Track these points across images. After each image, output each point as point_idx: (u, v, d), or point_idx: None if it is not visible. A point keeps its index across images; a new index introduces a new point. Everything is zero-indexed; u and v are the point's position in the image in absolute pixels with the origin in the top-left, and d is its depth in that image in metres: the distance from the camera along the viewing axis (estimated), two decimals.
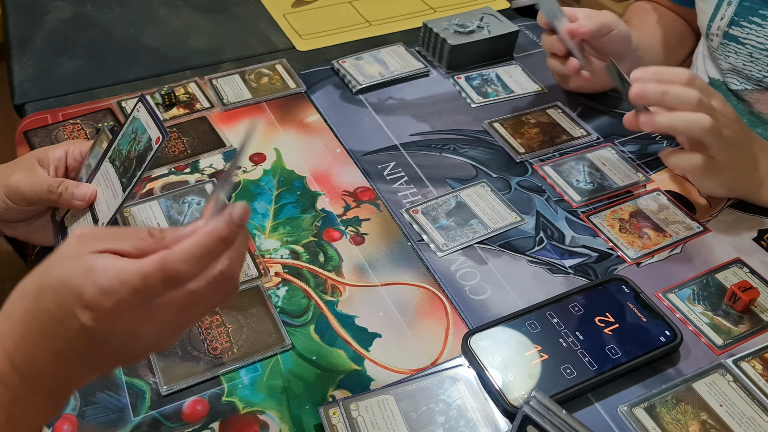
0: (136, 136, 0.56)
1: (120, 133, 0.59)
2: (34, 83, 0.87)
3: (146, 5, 1.03)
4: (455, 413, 0.52)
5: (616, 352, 0.55)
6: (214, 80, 0.87)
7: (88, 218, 0.59)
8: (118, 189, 0.57)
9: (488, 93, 0.87)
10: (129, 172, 0.55)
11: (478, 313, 0.60)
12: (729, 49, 0.79)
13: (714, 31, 0.80)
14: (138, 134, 0.56)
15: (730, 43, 0.79)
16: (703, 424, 0.52)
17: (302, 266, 0.64)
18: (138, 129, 0.57)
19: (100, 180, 0.59)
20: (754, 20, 0.75)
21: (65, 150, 0.60)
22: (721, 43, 0.80)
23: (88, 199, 0.57)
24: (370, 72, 0.89)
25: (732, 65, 0.80)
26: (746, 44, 0.77)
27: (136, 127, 0.57)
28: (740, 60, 0.79)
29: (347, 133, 0.80)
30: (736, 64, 0.79)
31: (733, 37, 0.78)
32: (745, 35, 0.76)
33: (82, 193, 0.57)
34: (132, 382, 0.54)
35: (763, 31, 0.75)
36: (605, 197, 0.72)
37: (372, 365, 0.56)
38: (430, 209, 0.70)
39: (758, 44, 0.76)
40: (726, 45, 0.79)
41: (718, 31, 0.79)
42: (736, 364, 0.56)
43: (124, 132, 0.58)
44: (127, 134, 0.58)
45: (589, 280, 0.63)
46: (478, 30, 0.90)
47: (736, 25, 0.77)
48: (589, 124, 0.82)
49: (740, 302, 0.60)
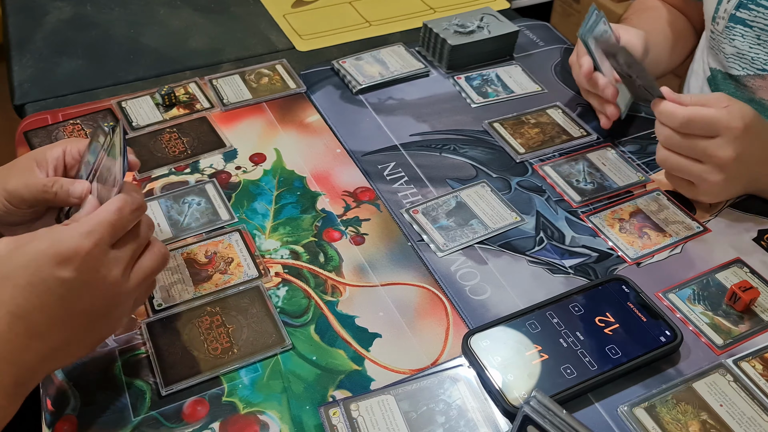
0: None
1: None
2: (34, 84, 0.87)
3: (146, 5, 1.03)
4: (455, 413, 0.52)
5: (617, 352, 0.55)
6: (214, 80, 0.87)
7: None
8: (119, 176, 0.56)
9: (488, 93, 0.87)
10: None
11: (479, 313, 0.60)
12: (735, 33, 0.79)
13: (720, 14, 0.80)
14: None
15: (737, 26, 0.79)
16: (704, 424, 0.52)
17: (302, 266, 0.64)
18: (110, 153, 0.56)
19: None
20: (762, 3, 0.75)
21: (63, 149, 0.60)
22: (726, 26, 0.80)
23: (84, 195, 0.57)
24: (370, 72, 0.89)
25: (737, 49, 0.80)
26: (754, 26, 0.77)
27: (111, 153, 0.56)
28: (746, 43, 0.79)
29: (347, 133, 0.80)
30: (742, 47, 0.79)
31: (740, 20, 0.78)
32: (753, 18, 0.76)
33: (78, 190, 0.57)
34: (132, 382, 0.54)
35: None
36: (605, 197, 0.72)
37: (372, 365, 0.56)
38: (430, 209, 0.70)
39: (765, 26, 0.76)
40: (732, 28, 0.79)
41: (725, 14, 0.79)
42: (736, 364, 0.56)
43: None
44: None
45: (590, 280, 0.63)
46: (478, 30, 0.90)
47: (744, 8, 0.77)
48: (589, 124, 0.82)
49: (740, 302, 0.60)
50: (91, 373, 0.55)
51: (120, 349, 0.57)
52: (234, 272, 0.63)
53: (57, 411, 0.52)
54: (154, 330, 0.58)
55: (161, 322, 0.59)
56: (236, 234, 0.67)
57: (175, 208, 0.69)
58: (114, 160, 0.53)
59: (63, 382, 0.54)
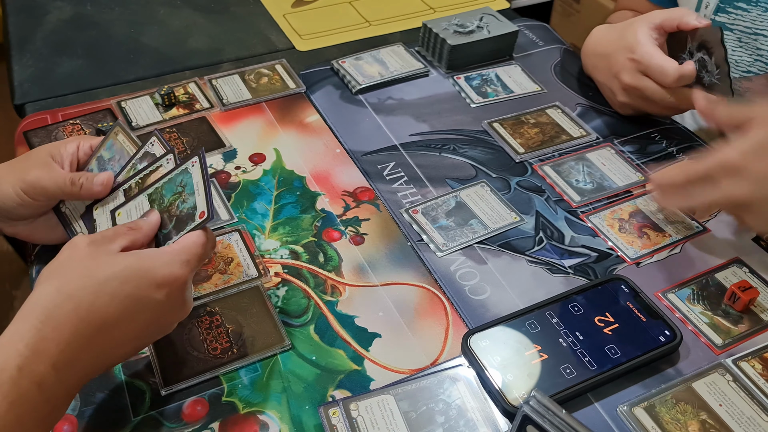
0: (183, 193, 0.54)
1: (166, 176, 0.55)
2: (34, 83, 0.87)
3: (146, 5, 1.03)
4: (455, 413, 0.52)
5: (616, 352, 0.55)
6: (214, 80, 0.87)
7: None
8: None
9: (488, 93, 0.87)
10: (165, 229, 0.53)
11: (478, 313, 0.60)
12: None
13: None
14: (185, 192, 0.53)
15: None
16: (703, 424, 0.52)
17: (302, 266, 0.64)
18: (187, 185, 0.53)
19: (131, 210, 0.57)
20: (739, 5, 0.75)
21: (77, 144, 0.61)
22: None
23: (106, 183, 0.58)
24: (369, 72, 0.89)
25: None
26: (734, 29, 0.76)
27: (185, 182, 0.54)
28: (729, 46, 0.78)
29: (347, 133, 0.80)
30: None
31: (720, 23, 0.78)
32: (732, 21, 0.76)
33: (101, 179, 0.58)
34: (132, 382, 0.54)
35: (749, 15, 0.74)
36: (605, 197, 0.72)
37: (372, 365, 0.56)
38: (430, 209, 0.70)
39: (746, 29, 0.75)
40: None
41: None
42: (735, 363, 0.56)
43: (171, 178, 0.55)
44: (175, 182, 0.54)
45: (589, 280, 0.63)
46: (477, 30, 0.90)
47: (723, 12, 0.76)
48: (589, 124, 0.82)
49: (740, 302, 0.60)
50: None
51: None
52: (234, 272, 0.63)
53: None
54: None
55: None
56: (236, 234, 0.67)
57: None
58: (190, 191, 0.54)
59: None
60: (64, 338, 0.44)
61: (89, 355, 0.45)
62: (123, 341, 0.48)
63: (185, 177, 0.54)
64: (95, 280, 0.46)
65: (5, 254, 1.55)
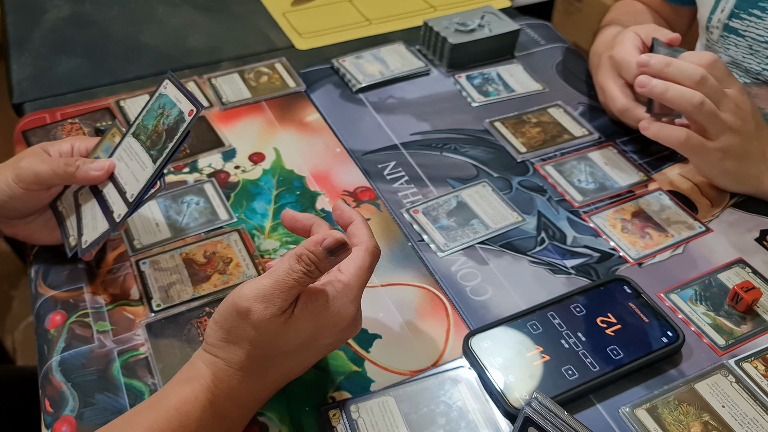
0: (164, 111, 0.56)
1: (144, 109, 0.58)
2: (33, 82, 0.86)
3: (145, 4, 1.03)
4: (456, 415, 0.52)
5: (618, 353, 0.55)
6: (213, 79, 0.87)
7: (112, 191, 0.58)
8: (146, 161, 0.56)
9: (489, 92, 0.86)
10: (158, 145, 0.55)
11: (479, 314, 0.60)
12: (729, 42, 0.79)
13: (714, 23, 0.80)
14: (166, 109, 0.56)
15: (730, 35, 0.78)
16: (705, 425, 0.52)
17: None
18: (166, 104, 0.56)
19: (122, 154, 0.59)
20: (754, 12, 0.75)
21: (71, 144, 0.61)
22: (721, 35, 0.79)
23: (106, 169, 0.58)
24: (370, 71, 0.88)
25: (732, 58, 0.80)
26: (746, 36, 0.76)
27: (163, 102, 0.56)
28: (740, 53, 0.78)
29: (347, 132, 0.80)
30: (736, 57, 0.79)
31: (733, 29, 0.78)
32: (745, 27, 0.76)
33: (100, 164, 0.58)
34: (131, 383, 0.54)
35: (762, 23, 0.74)
36: (607, 197, 0.72)
37: (372, 366, 0.56)
38: (431, 209, 0.70)
39: (758, 36, 0.75)
40: (726, 38, 0.79)
41: (719, 24, 0.79)
42: (738, 364, 0.56)
43: (149, 108, 0.57)
44: (153, 110, 0.57)
45: (591, 280, 0.63)
46: (479, 29, 0.90)
47: (737, 18, 0.77)
48: (591, 123, 0.82)
49: (742, 303, 0.59)
50: (90, 374, 0.54)
51: (119, 350, 0.56)
52: (233, 272, 0.63)
53: (55, 412, 0.52)
54: (152, 330, 0.58)
55: (160, 322, 0.58)
56: (235, 234, 0.67)
57: (173, 208, 0.69)
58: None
59: (61, 383, 0.54)
60: (251, 381, 0.47)
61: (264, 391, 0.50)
62: (297, 368, 0.51)
63: (162, 99, 0.56)
64: (280, 350, 0.47)
65: (3, 254, 1.55)
